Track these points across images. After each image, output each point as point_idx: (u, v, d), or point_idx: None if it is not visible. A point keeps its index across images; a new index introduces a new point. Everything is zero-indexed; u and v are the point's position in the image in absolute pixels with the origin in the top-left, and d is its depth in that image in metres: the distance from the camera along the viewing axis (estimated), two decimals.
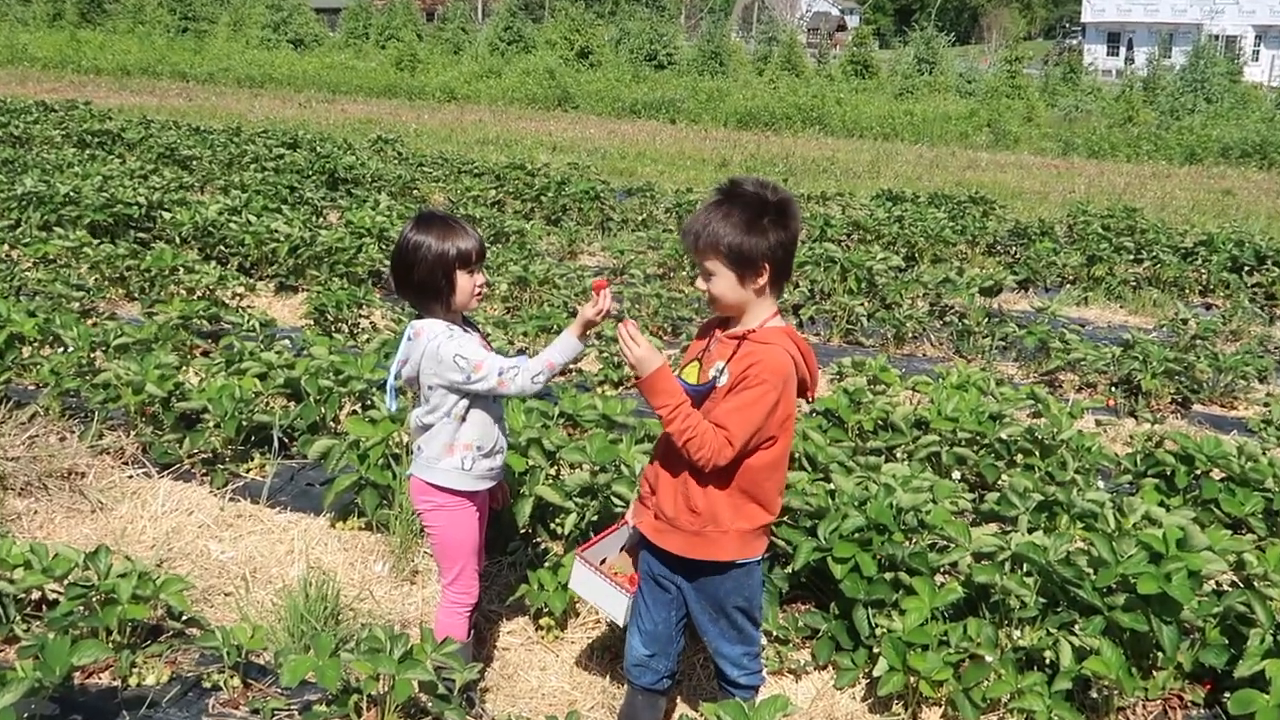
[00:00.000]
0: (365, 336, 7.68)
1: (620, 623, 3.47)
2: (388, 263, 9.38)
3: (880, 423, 5.58)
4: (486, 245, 3.56)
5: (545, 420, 5.17)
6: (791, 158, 22.59)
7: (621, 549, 3.57)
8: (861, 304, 9.08)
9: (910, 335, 8.93)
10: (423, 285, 3.35)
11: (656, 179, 17.17)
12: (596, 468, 4.57)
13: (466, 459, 3.44)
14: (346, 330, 7.82)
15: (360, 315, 8.02)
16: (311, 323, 7.85)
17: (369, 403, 5.75)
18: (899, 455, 5.44)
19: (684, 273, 10.37)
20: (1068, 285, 11.38)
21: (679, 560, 3.17)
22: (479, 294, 3.41)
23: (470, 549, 3.56)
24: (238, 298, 8.34)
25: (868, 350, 8.72)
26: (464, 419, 3.42)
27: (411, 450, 3.61)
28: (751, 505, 3.10)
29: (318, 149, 15.68)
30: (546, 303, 8.67)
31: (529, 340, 7.81)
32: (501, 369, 3.30)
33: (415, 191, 14.38)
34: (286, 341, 6.71)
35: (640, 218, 13.54)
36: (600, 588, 3.49)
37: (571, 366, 7.56)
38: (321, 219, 11.57)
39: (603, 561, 3.56)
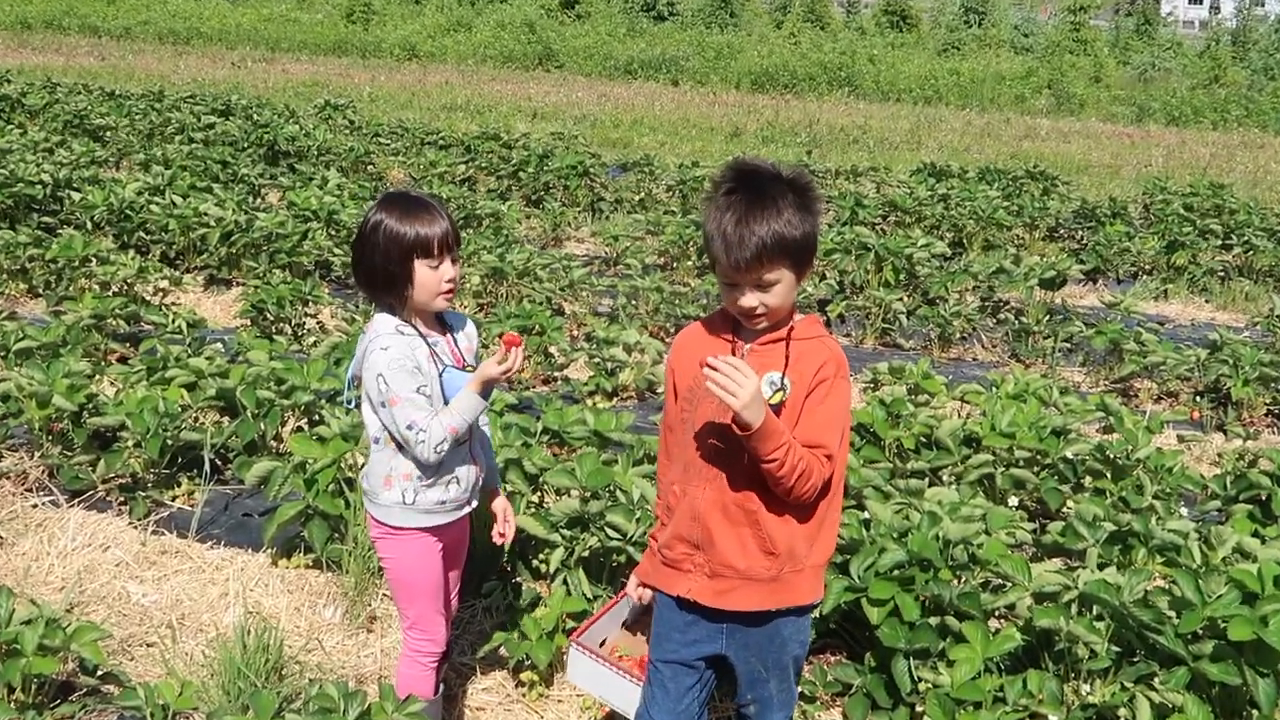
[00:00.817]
0: (312, 339, 7.68)
1: (632, 715, 3.40)
2: (337, 251, 9.44)
3: (923, 440, 5.59)
4: (460, 234, 3.52)
5: (526, 438, 5.18)
6: (816, 126, 22.65)
7: (623, 625, 3.55)
8: (900, 299, 9.10)
9: (958, 336, 8.95)
10: (375, 272, 3.36)
11: (656, 151, 17.21)
12: (587, 494, 4.58)
13: (407, 491, 3.44)
14: (290, 331, 7.82)
15: (306, 314, 8.02)
16: (248, 323, 7.86)
17: (318, 417, 5.75)
18: (945, 478, 5.46)
19: (689, 263, 10.40)
20: (1143, 276, 11.42)
21: (736, 620, 3.13)
22: (446, 291, 3.39)
23: (431, 588, 3.57)
24: (161, 293, 8.35)
25: (907, 354, 8.74)
26: (397, 445, 3.41)
27: None
28: (827, 530, 3.13)
29: (254, 117, 15.70)
30: (526, 298, 8.69)
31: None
32: (412, 423, 3.30)
33: (370, 167, 14.39)
34: (219, 345, 6.71)
35: (637, 197, 13.56)
36: (606, 678, 3.44)
37: (556, 375, 7.57)
38: (259, 200, 11.59)
39: (602, 643, 3.54)
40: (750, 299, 2.97)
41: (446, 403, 3.39)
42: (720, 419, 3.01)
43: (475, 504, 3.62)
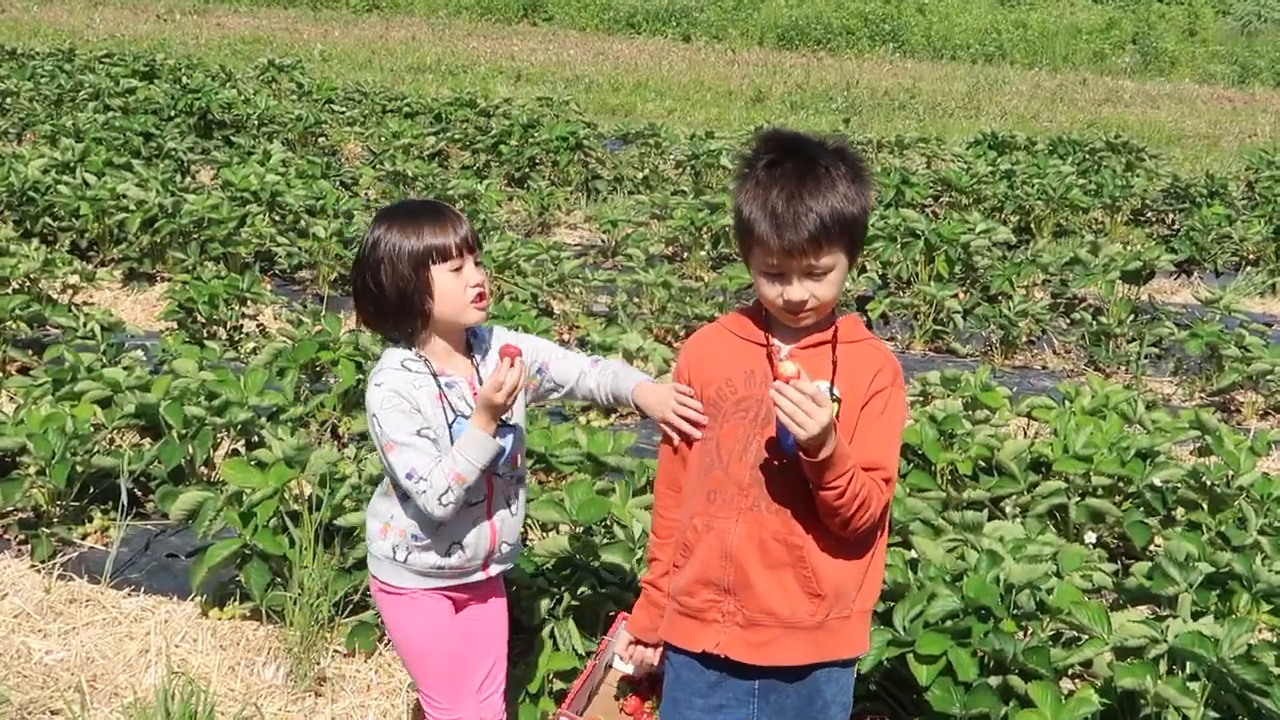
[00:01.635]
0: (251, 345, 7.68)
1: None
2: (281, 240, 9.45)
3: (982, 464, 5.57)
4: (479, 237, 3.55)
5: None
6: (855, 89, 22.68)
7: (615, 695, 3.53)
8: (955, 296, 9.10)
9: (1024, 340, 8.94)
10: (385, 298, 3.37)
11: (663, 120, 17.23)
12: (579, 529, 4.56)
13: (399, 547, 3.46)
14: (225, 336, 7.83)
15: (244, 315, 8.02)
16: (175, 326, 7.86)
17: (257, 439, 5.75)
18: (1009, 510, 5.45)
19: (701, 253, 10.40)
20: (1247, 267, 11.41)
21: (771, 676, 3.11)
22: (476, 299, 3.40)
23: (441, 659, 3.56)
24: (70, 291, 8.36)
25: (964, 361, 8.74)
26: (402, 494, 3.44)
27: None
28: (875, 569, 3.14)
29: (183, 80, 15.74)
30: (508, 296, 8.69)
31: None
32: (411, 471, 3.30)
33: (321, 139, 14.41)
34: (140, 353, 6.72)
35: (640, 175, 13.58)
36: None
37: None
38: (189, 179, 11.61)
39: (585, 707, 3.53)
40: (799, 290, 2.98)
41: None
42: (758, 436, 3.02)
43: (495, 570, 3.60)
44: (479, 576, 3.56)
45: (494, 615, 3.68)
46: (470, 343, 3.51)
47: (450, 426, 3.36)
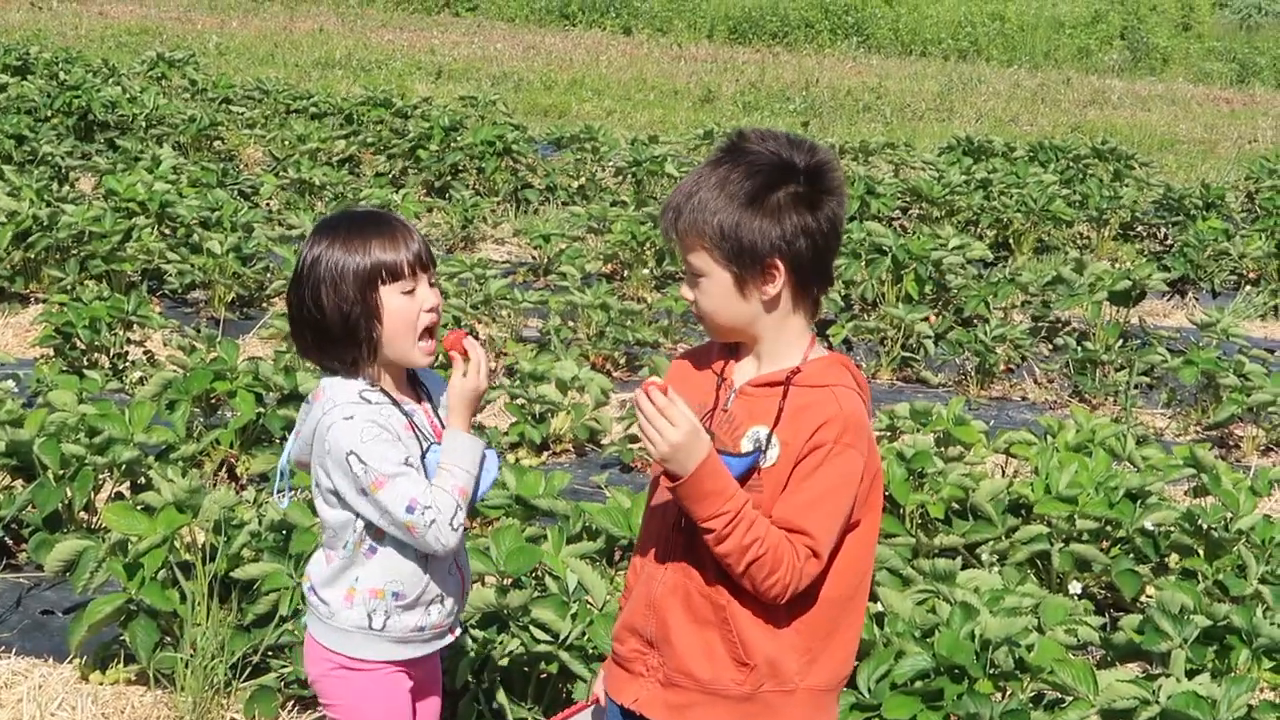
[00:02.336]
0: (138, 374, 7.64)
1: None
2: (171, 255, 9.41)
3: (955, 507, 5.61)
4: (430, 248, 3.48)
5: None
6: (815, 88, 22.83)
7: None
8: (926, 319, 9.16)
9: (1002, 368, 9.01)
10: (325, 324, 3.30)
11: (602, 122, 17.28)
12: (506, 581, 4.56)
13: (376, 613, 3.37)
14: (108, 365, 7.77)
15: (129, 340, 7.97)
16: (50, 353, 7.80)
17: (143, 480, 5.71)
18: (985, 557, 5.48)
19: (644, 271, 10.43)
20: (1247, 288, 11.53)
21: None
22: (429, 325, 3.35)
23: None
24: None
25: (935, 392, 8.79)
26: (368, 549, 3.37)
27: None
28: (833, 644, 3.09)
29: (61, 76, 15.64)
30: None
31: None
32: (414, 504, 3.22)
33: (218, 143, 14.35)
34: (10, 383, 6.66)
35: (576, 184, 13.60)
36: None
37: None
38: (68, 187, 11.53)
39: None
40: (684, 289, 3.11)
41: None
42: None
43: (459, 632, 3.58)
44: (449, 639, 3.51)
45: (435, 688, 3.64)
46: (413, 378, 3.48)
47: (424, 457, 3.32)
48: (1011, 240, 12.16)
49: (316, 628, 3.43)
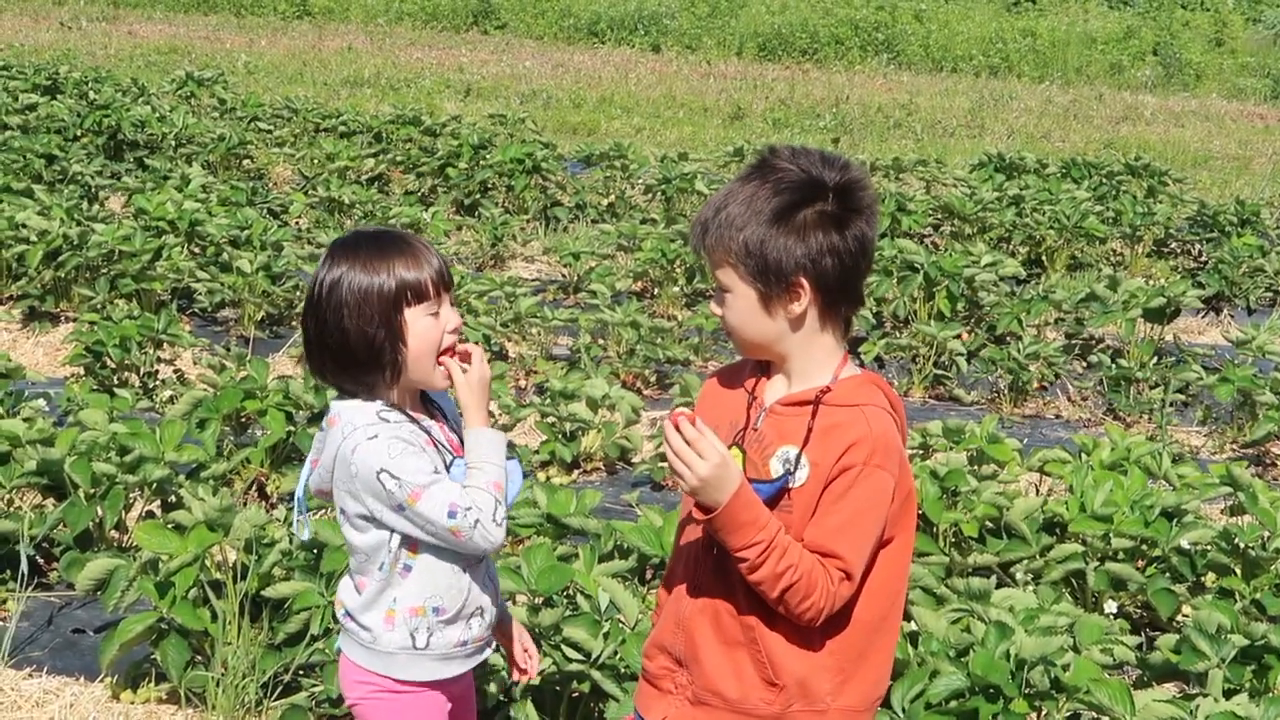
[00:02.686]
0: (168, 393, 7.68)
1: None
2: (201, 274, 9.45)
3: (989, 525, 5.61)
4: (448, 266, 3.46)
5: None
6: (845, 105, 22.83)
7: None
8: (958, 336, 9.16)
9: (1035, 385, 8.99)
10: (351, 349, 3.28)
11: (631, 139, 17.30)
12: (538, 600, 4.57)
13: (419, 631, 3.36)
14: (138, 383, 7.82)
15: (160, 359, 8.02)
16: (82, 372, 7.85)
17: (174, 499, 5.74)
18: (1019, 576, 5.47)
19: (674, 289, 10.45)
20: None
21: None
22: (452, 347, 3.35)
23: None
24: None
25: (968, 410, 8.78)
26: (403, 568, 3.36)
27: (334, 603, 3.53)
28: (866, 664, 3.10)
29: (91, 95, 15.73)
30: None
31: None
32: (454, 507, 3.21)
33: (247, 161, 14.41)
34: (41, 402, 6.70)
35: (605, 201, 13.62)
36: None
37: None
38: (98, 206, 11.59)
39: None
40: (713, 303, 3.13)
41: None
42: None
43: (494, 647, 3.59)
44: (488, 653, 3.52)
45: (471, 707, 3.63)
46: (426, 399, 3.47)
47: (448, 469, 3.31)
48: (1044, 257, 12.13)
49: (356, 652, 3.41)
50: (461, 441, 3.38)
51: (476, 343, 8.39)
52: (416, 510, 3.22)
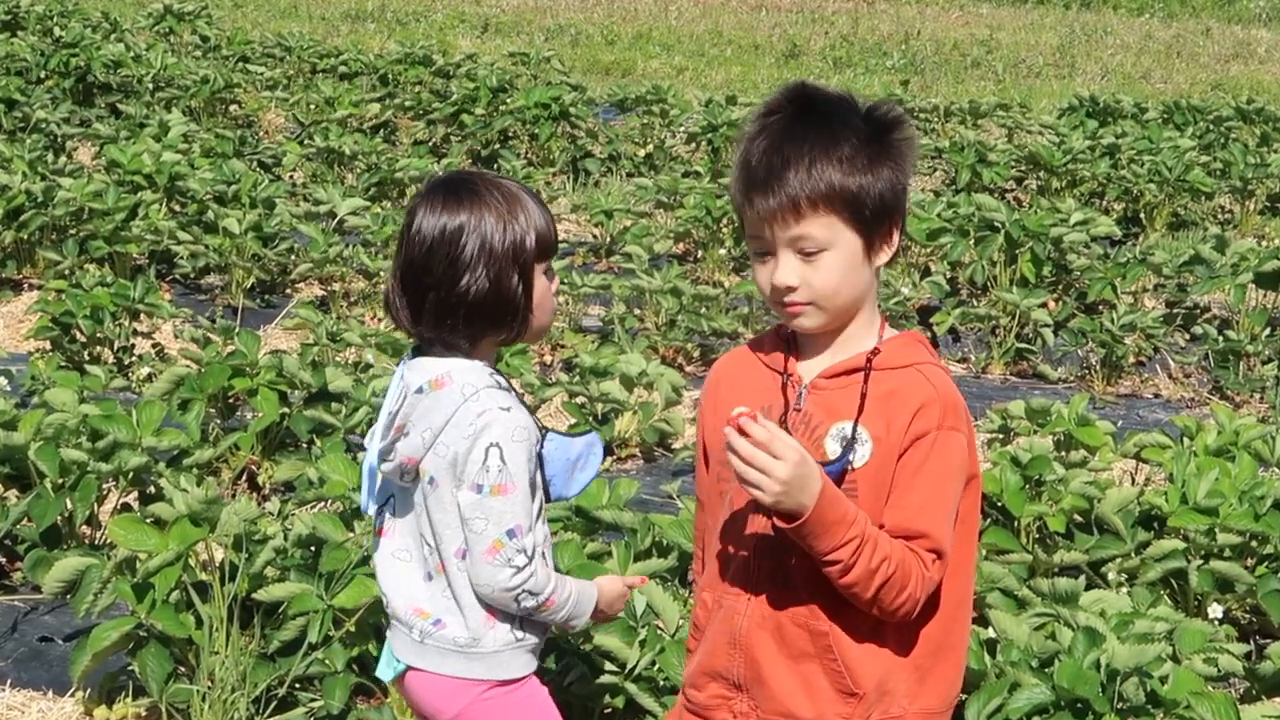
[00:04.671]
0: (146, 370, 7.70)
1: None
2: (182, 235, 9.46)
3: (1078, 519, 5.59)
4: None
5: None
6: (915, 41, 22.75)
7: None
8: (1044, 305, 9.12)
9: (1132, 360, 8.96)
10: (476, 299, 3.35)
11: (672, 82, 17.28)
12: None
13: (516, 623, 3.43)
14: (112, 360, 7.84)
15: (136, 333, 8.04)
16: (48, 346, 7.87)
17: (154, 490, 5.75)
18: (1112, 576, 5.46)
19: (720, 251, 10.44)
20: None
21: None
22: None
23: None
24: None
25: (1054, 389, 8.75)
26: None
27: (388, 610, 3.52)
28: (942, 658, 3.11)
29: (56, 32, 15.78)
30: None
31: None
32: (517, 529, 3.30)
33: (234, 107, 14.43)
34: (2, 381, 6.73)
35: (642, 151, 13.61)
36: None
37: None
38: (66, 158, 11.63)
39: None
40: (786, 270, 3.00)
41: (546, 491, 3.41)
42: None
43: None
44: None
45: None
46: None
47: (541, 447, 3.41)
48: (1143, 215, 12.09)
49: (449, 663, 3.42)
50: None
51: None
52: (490, 502, 3.29)
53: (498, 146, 13.40)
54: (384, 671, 3.54)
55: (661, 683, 4.44)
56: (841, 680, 3.03)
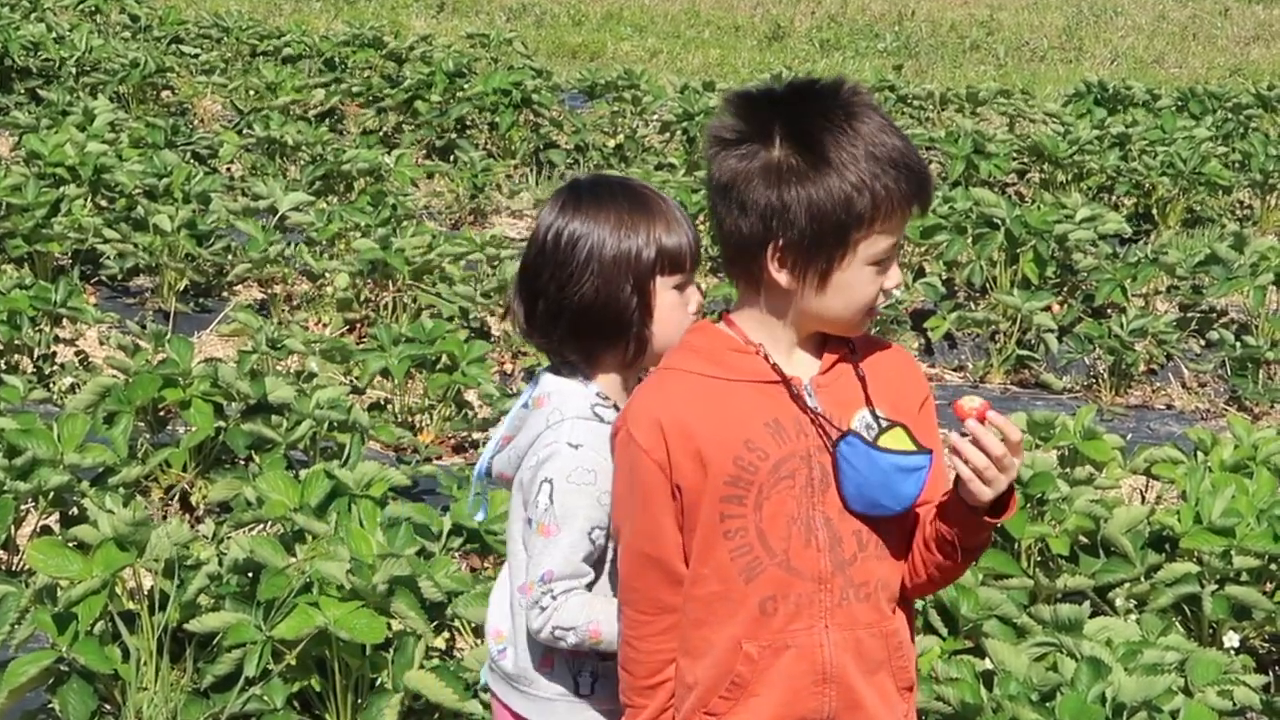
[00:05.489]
0: (69, 381, 7.68)
1: None
2: (109, 233, 9.42)
3: (1083, 540, 5.61)
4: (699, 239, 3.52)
5: (424, 543, 5.20)
6: (910, 22, 22.79)
7: None
8: (1047, 308, 9.14)
9: (1142, 368, 8.98)
10: (590, 312, 3.36)
11: (645, 66, 17.29)
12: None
13: (585, 670, 3.41)
14: (31, 369, 7.83)
15: (58, 339, 8.02)
16: None
17: (76, 511, 5.74)
18: (1119, 602, 5.47)
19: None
20: None
21: None
22: (693, 324, 3.40)
23: None
24: None
25: (1059, 399, 8.78)
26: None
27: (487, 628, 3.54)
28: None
29: None
30: (428, 311, 8.71)
31: (394, 389, 7.84)
32: (549, 574, 3.30)
33: (166, 93, 14.40)
34: None
35: (612, 141, 13.60)
36: None
37: (477, 437, 7.60)
38: None
39: None
40: (893, 275, 3.09)
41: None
42: (821, 506, 3.05)
43: None
44: None
45: None
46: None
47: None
48: (1155, 211, 12.11)
49: (508, 694, 3.49)
50: None
51: (451, 317, 8.43)
52: (533, 538, 3.33)
53: (454, 136, 13.39)
54: None
55: None
56: (905, 675, 3.15)
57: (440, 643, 4.96)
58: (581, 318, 3.36)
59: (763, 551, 3.07)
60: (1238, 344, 8.98)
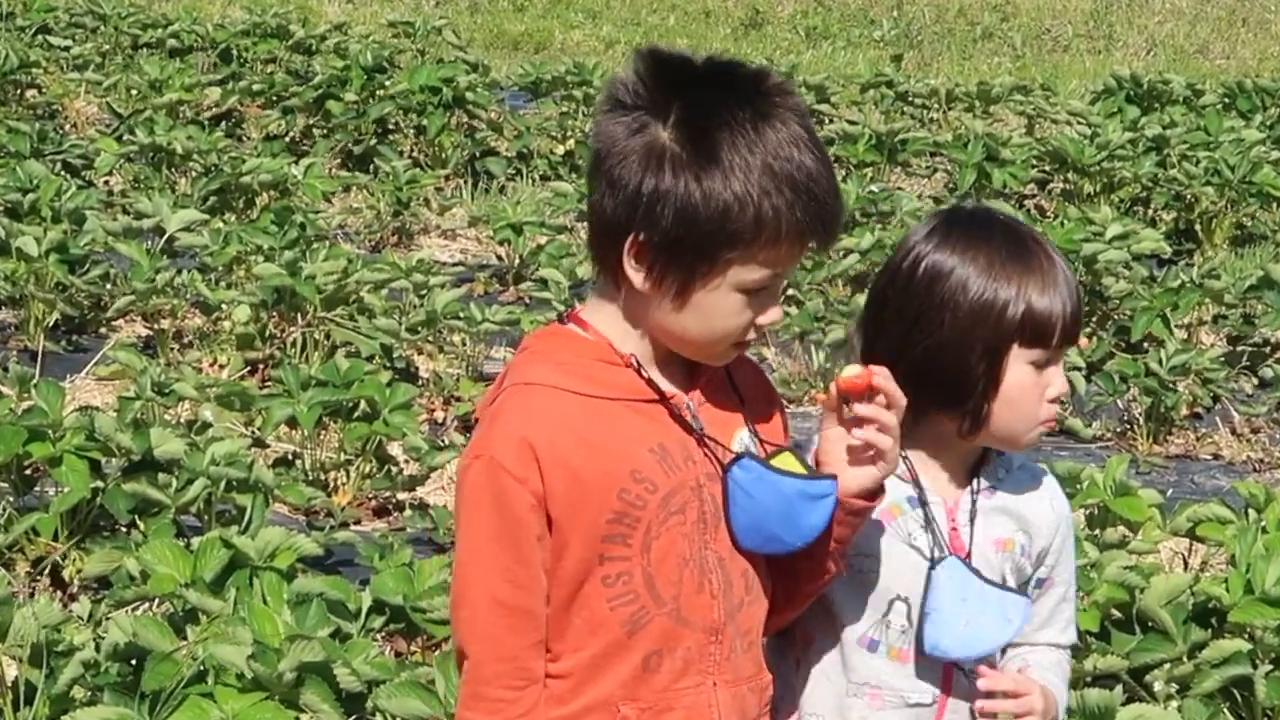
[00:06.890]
0: None
1: None
2: None
3: (1116, 614, 5.63)
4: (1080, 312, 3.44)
5: (340, 622, 5.20)
6: (911, 6, 22.87)
7: None
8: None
9: (1185, 412, 9.00)
10: (925, 366, 3.31)
11: (599, 59, 17.32)
12: None
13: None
14: None
15: None
16: None
17: None
18: (1158, 686, 5.49)
19: None
20: None
21: None
22: (1047, 420, 3.43)
23: None
24: None
25: (1088, 449, 8.80)
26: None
27: None
28: None
29: None
30: (343, 348, 8.71)
31: (304, 442, 7.84)
32: None
33: (32, 93, 14.39)
34: None
35: (561, 149, 13.62)
36: None
37: (401, 498, 7.59)
38: None
39: None
40: (776, 308, 3.13)
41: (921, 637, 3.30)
42: (713, 545, 3.06)
43: None
44: None
45: None
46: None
47: (930, 573, 3.35)
48: (1198, 227, 12.16)
49: None
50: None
51: (371, 356, 8.43)
52: None
53: (374, 142, 13.41)
54: None
55: None
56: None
57: None
58: (921, 367, 3.30)
59: (650, 600, 3.06)
60: None
